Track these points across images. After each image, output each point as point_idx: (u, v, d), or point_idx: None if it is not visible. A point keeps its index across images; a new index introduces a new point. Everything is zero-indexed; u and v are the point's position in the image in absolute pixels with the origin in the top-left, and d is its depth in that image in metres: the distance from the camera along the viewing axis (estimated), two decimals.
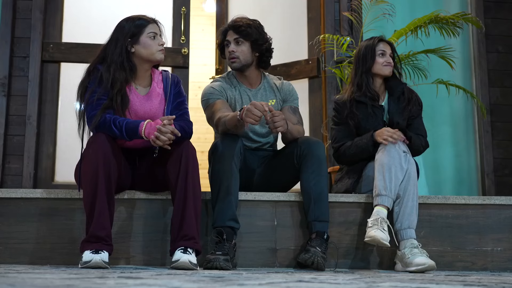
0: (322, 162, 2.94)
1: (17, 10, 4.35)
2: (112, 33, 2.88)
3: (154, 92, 2.91)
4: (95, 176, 2.62)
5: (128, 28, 2.85)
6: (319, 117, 4.44)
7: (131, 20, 2.89)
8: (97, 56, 2.87)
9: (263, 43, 3.14)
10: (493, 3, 4.72)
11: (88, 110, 2.76)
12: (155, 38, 2.87)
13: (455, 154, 4.59)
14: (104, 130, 2.71)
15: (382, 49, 3.27)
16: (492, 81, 4.62)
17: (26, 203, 2.98)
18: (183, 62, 4.45)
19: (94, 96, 2.75)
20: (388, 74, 3.27)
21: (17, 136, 4.23)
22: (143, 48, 2.86)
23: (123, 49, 2.82)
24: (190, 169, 2.71)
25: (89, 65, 2.87)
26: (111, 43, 2.85)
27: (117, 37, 2.85)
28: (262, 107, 2.71)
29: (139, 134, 2.70)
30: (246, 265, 2.97)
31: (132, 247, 2.94)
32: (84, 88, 2.81)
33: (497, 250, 3.17)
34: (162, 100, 2.92)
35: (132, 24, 2.86)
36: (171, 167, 2.74)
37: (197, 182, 2.74)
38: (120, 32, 2.85)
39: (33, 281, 1.58)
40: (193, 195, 2.70)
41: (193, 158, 2.74)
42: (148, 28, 2.87)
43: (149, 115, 2.85)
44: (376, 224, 2.87)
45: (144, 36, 2.86)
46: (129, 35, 2.84)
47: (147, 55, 2.87)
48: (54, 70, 4.38)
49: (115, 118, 2.72)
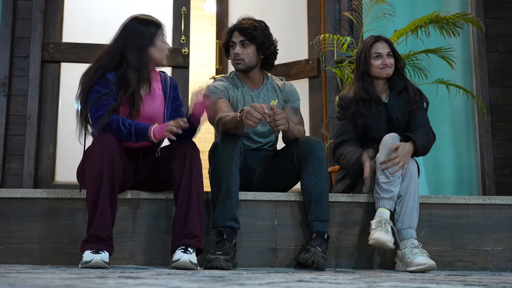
0: (322, 162, 2.94)
1: (17, 10, 4.35)
2: (124, 35, 2.83)
3: (155, 93, 2.91)
4: (99, 176, 2.61)
5: (147, 30, 2.83)
6: (319, 117, 4.44)
7: (145, 22, 2.86)
8: (112, 58, 2.80)
9: (269, 46, 3.14)
10: (494, 3, 4.72)
11: (93, 110, 2.74)
12: (164, 42, 2.89)
13: (456, 154, 4.59)
14: (110, 130, 2.70)
15: (377, 51, 3.21)
16: (493, 81, 4.62)
17: (26, 203, 2.98)
18: (184, 62, 4.45)
19: (101, 97, 2.74)
20: (386, 76, 3.23)
21: (18, 136, 4.23)
22: (157, 51, 2.85)
23: (144, 51, 2.81)
24: (195, 168, 2.72)
25: (100, 65, 2.79)
26: (128, 44, 2.80)
27: (134, 39, 2.80)
28: (261, 109, 2.71)
29: (148, 137, 2.70)
30: (246, 265, 2.97)
31: (133, 247, 2.94)
32: (89, 88, 2.77)
33: (497, 250, 3.17)
34: (162, 100, 2.93)
35: (148, 26, 2.84)
36: (175, 165, 2.74)
37: (201, 182, 2.75)
38: (136, 33, 2.81)
39: (34, 281, 1.58)
40: (197, 194, 2.70)
41: (197, 158, 2.75)
42: (161, 31, 2.88)
43: (151, 114, 2.85)
44: (379, 226, 2.87)
45: (159, 40, 2.86)
46: (148, 37, 2.82)
47: (160, 59, 2.87)
48: (54, 70, 4.38)
49: (123, 119, 2.72)
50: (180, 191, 2.71)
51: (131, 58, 2.78)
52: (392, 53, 3.24)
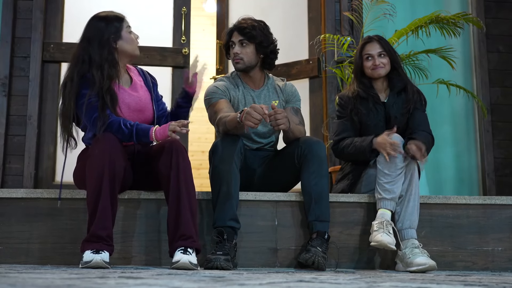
0: (323, 162, 2.94)
1: (17, 10, 4.35)
2: (86, 33, 2.83)
3: (136, 85, 2.94)
4: (100, 175, 2.61)
5: (108, 25, 2.83)
6: (319, 117, 4.44)
7: (105, 17, 2.86)
8: (77, 61, 2.80)
9: (268, 45, 3.14)
10: (494, 3, 4.72)
11: (88, 113, 2.74)
12: (131, 33, 2.90)
13: (456, 154, 4.59)
14: (111, 131, 2.71)
15: (367, 52, 3.24)
16: (493, 81, 4.62)
17: (26, 203, 2.98)
18: (184, 62, 4.45)
19: (90, 99, 2.73)
20: (377, 76, 3.24)
21: (18, 136, 4.23)
22: (126, 43, 2.87)
23: (110, 46, 2.82)
24: (182, 167, 2.69)
25: (72, 72, 2.80)
26: (91, 43, 2.80)
27: (96, 36, 2.81)
28: (262, 110, 2.71)
29: (149, 137, 2.71)
30: (246, 265, 2.97)
31: (133, 247, 2.94)
32: (75, 95, 2.76)
33: (497, 250, 3.16)
34: (146, 91, 2.96)
35: (109, 21, 2.85)
36: (162, 167, 2.73)
37: (190, 180, 2.72)
38: (98, 30, 2.82)
39: (34, 281, 1.58)
40: (187, 194, 2.68)
41: (184, 156, 2.73)
42: (125, 23, 2.90)
43: (140, 106, 2.88)
44: (381, 227, 2.87)
45: (124, 31, 2.87)
46: (112, 32, 2.83)
47: (132, 50, 2.89)
48: (54, 70, 4.38)
49: (124, 119, 2.73)
50: (169, 192, 2.70)
51: (94, 56, 2.79)
52: (385, 53, 3.24)
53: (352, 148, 3.13)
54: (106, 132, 2.70)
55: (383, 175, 2.97)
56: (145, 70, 3.08)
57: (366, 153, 3.08)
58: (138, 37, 2.94)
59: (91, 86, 2.75)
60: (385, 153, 2.97)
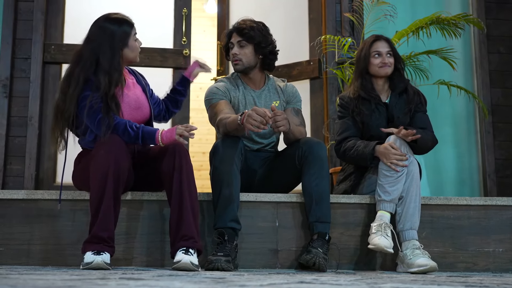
0: (323, 163, 2.94)
1: (18, 11, 4.35)
2: (96, 35, 2.81)
3: (129, 84, 2.95)
4: (104, 176, 2.61)
5: (118, 32, 2.81)
6: (320, 117, 4.44)
7: (117, 22, 2.84)
8: (85, 62, 2.77)
9: (266, 46, 3.14)
10: (495, 4, 4.73)
11: (92, 115, 2.73)
12: (136, 41, 2.91)
13: (457, 155, 4.59)
14: (117, 132, 2.71)
15: (377, 49, 3.23)
16: (494, 82, 4.62)
17: (27, 205, 2.98)
18: (185, 63, 4.45)
19: (90, 102, 2.72)
20: (384, 75, 3.25)
21: (19, 138, 4.23)
22: (131, 51, 2.87)
23: (118, 53, 2.80)
24: (184, 169, 2.70)
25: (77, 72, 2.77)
26: (102, 47, 2.77)
27: (108, 40, 2.78)
28: (264, 113, 2.69)
29: (155, 140, 2.71)
30: (247, 266, 2.97)
31: (135, 248, 2.94)
32: (77, 96, 2.75)
33: (499, 251, 3.16)
34: (139, 88, 2.97)
35: (120, 27, 2.82)
36: (165, 168, 2.73)
37: (192, 181, 2.73)
38: (110, 35, 2.79)
39: (35, 282, 1.58)
40: (189, 195, 2.69)
41: (186, 157, 2.74)
42: (133, 30, 2.88)
43: (138, 103, 2.90)
44: (380, 230, 2.87)
45: (131, 40, 2.87)
46: (121, 40, 2.81)
47: (133, 58, 2.90)
48: (55, 71, 4.38)
49: (129, 121, 2.74)
50: (172, 193, 2.70)
51: (103, 61, 2.76)
52: (392, 52, 3.25)
53: (354, 153, 3.12)
54: (111, 133, 2.70)
55: (384, 176, 2.97)
56: (133, 68, 3.09)
57: (367, 160, 3.07)
58: (141, 44, 2.94)
59: (94, 89, 2.74)
60: (388, 162, 2.96)
